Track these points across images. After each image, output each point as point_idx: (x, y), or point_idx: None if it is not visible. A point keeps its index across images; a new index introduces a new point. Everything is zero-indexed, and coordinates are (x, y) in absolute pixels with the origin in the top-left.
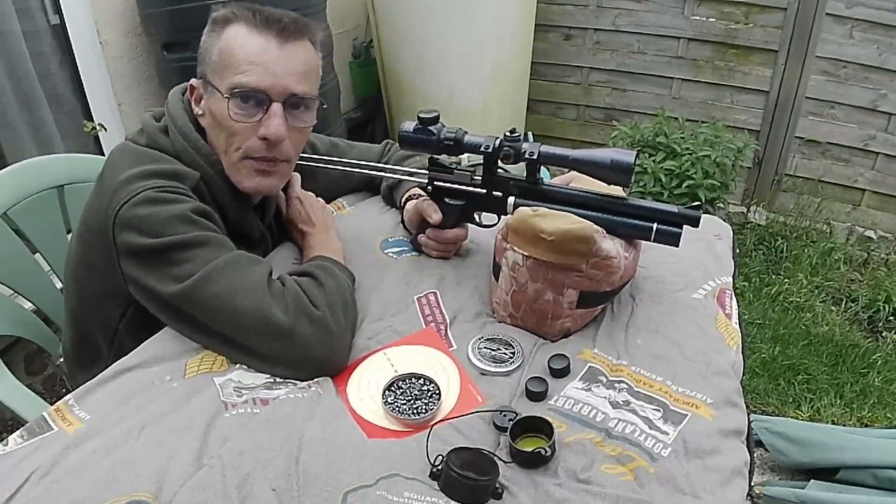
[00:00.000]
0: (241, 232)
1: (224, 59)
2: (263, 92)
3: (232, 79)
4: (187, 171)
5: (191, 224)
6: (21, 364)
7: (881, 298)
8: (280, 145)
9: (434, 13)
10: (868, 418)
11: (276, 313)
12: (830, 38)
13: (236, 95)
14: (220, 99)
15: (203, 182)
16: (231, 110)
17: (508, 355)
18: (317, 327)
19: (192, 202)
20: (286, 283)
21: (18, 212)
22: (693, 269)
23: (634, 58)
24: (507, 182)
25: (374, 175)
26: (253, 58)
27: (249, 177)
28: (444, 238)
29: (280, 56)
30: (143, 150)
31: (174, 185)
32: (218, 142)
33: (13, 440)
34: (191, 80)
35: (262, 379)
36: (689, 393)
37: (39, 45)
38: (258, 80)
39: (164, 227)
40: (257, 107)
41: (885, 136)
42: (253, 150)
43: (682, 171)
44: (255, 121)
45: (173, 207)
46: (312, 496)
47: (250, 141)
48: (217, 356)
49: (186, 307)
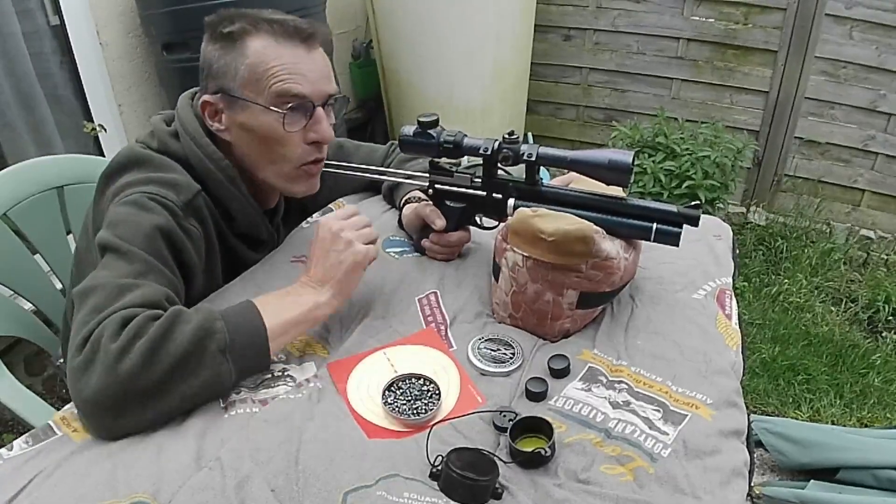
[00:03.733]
0: (250, 233)
1: (258, 73)
2: (307, 97)
3: (275, 89)
4: (186, 183)
5: (142, 240)
6: (21, 365)
7: (881, 299)
8: (329, 143)
9: (434, 14)
10: (868, 418)
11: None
12: (830, 39)
13: (285, 105)
14: (260, 112)
15: (209, 188)
16: (279, 120)
17: (508, 356)
18: (101, 362)
19: (167, 219)
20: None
21: (18, 212)
22: (693, 270)
23: (634, 58)
24: (507, 184)
25: (376, 179)
26: (291, 67)
27: (299, 182)
28: (448, 242)
29: (311, 62)
30: (150, 154)
31: (165, 195)
32: (257, 155)
33: (18, 445)
34: (202, 97)
35: (259, 376)
36: (689, 393)
37: (39, 45)
38: (303, 87)
39: (125, 229)
40: (302, 113)
41: (884, 137)
42: (305, 156)
43: (681, 171)
44: (302, 127)
45: (146, 217)
46: (312, 496)
47: (301, 149)
48: None
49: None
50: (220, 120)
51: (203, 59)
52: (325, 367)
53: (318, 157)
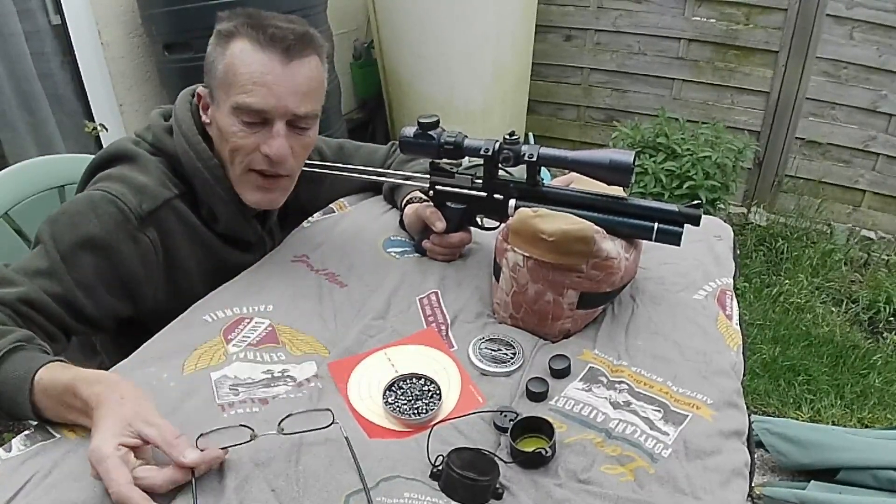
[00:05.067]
0: (235, 236)
1: (229, 77)
2: (266, 112)
3: (236, 97)
4: (156, 191)
5: (74, 243)
6: None
7: (882, 299)
8: (283, 162)
9: (434, 14)
10: (868, 419)
11: None
12: (831, 39)
13: (240, 114)
14: (224, 114)
15: (193, 192)
16: (234, 126)
17: (509, 356)
18: None
19: (105, 232)
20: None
21: (19, 212)
22: (693, 270)
23: (635, 59)
24: (508, 184)
25: (376, 180)
26: (257, 77)
27: (252, 191)
28: (449, 243)
29: (283, 76)
30: (138, 151)
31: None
32: (224, 153)
33: (15, 446)
34: (198, 88)
35: (258, 374)
36: (690, 394)
37: (40, 45)
38: (261, 101)
39: (66, 221)
40: (261, 125)
41: (885, 137)
42: (256, 163)
43: (682, 171)
44: (258, 137)
45: (85, 224)
46: (313, 497)
47: (253, 155)
48: (215, 351)
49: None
50: (207, 112)
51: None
52: (325, 366)
53: (271, 171)
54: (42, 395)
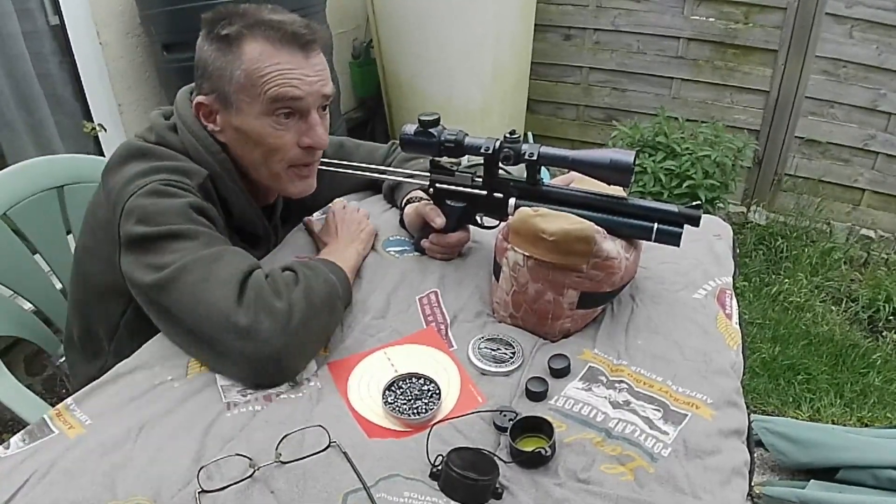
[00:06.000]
0: (247, 228)
1: (253, 79)
2: (302, 100)
3: (270, 92)
4: (194, 168)
5: (185, 218)
6: (21, 365)
7: (881, 298)
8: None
9: (434, 13)
10: (868, 418)
11: (236, 308)
12: (830, 38)
13: (279, 111)
14: (254, 116)
15: (210, 179)
16: (269, 126)
17: (509, 355)
18: (274, 320)
19: (192, 198)
20: (253, 277)
21: (18, 212)
22: (693, 270)
23: (634, 58)
24: (508, 183)
25: (376, 178)
26: (287, 72)
27: (294, 183)
28: (448, 242)
29: (308, 67)
30: (151, 146)
31: (179, 180)
32: (251, 156)
33: (14, 443)
34: (197, 98)
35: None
36: (690, 393)
37: (39, 45)
38: (298, 90)
39: (163, 216)
40: (296, 118)
41: (884, 136)
42: (296, 158)
43: (682, 170)
44: (294, 132)
45: (174, 201)
46: (312, 497)
47: (293, 152)
48: None
49: (162, 298)
50: (214, 121)
51: (198, 58)
52: (325, 366)
53: (309, 160)
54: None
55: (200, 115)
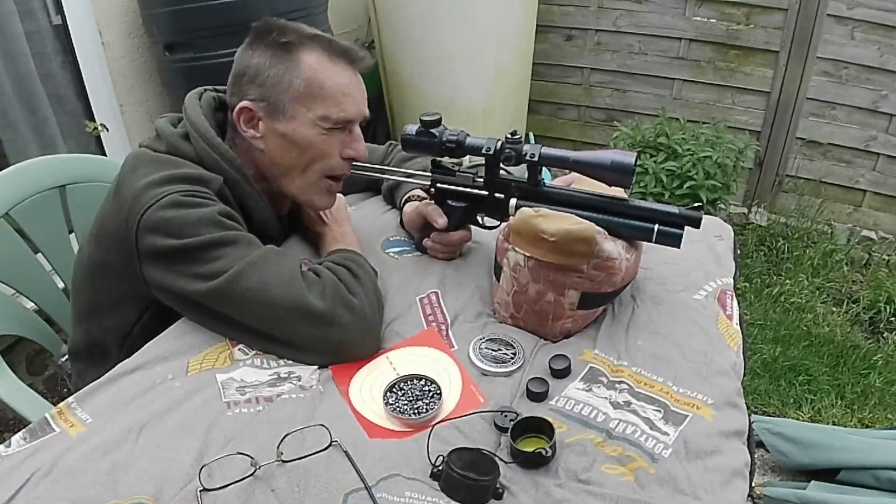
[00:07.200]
0: (264, 232)
1: (313, 90)
2: (354, 121)
3: (328, 111)
4: (210, 176)
5: (219, 226)
6: (23, 364)
7: (882, 299)
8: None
9: (435, 14)
10: (869, 419)
11: (313, 301)
12: (831, 39)
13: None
14: (305, 124)
15: (227, 186)
16: (318, 135)
17: (509, 356)
18: (354, 314)
19: (219, 205)
20: (321, 273)
21: (20, 212)
22: (694, 270)
23: (635, 59)
24: (509, 184)
25: (377, 178)
26: (345, 90)
27: (323, 196)
28: (449, 241)
29: (358, 85)
30: (163, 156)
31: (198, 190)
32: (291, 163)
33: (16, 441)
34: (241, 103)
35: (265, 376)
36: (690, 394)
37: (41, 45)
38: (352, 112)
39: (193, 228)
40: (341, 130)
41: (886, 137)
42: (336, 167)
43: (683, 171)
44: (337, 142)
45: (201, 210)
46: (313, 497)
47: (334, 160)
48: (220, 353)
49: (218, 304)
50: (255, 126)
51: (245, 65)
52: (327, 369)
53: (346, 172)
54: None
55: (241, 119)
